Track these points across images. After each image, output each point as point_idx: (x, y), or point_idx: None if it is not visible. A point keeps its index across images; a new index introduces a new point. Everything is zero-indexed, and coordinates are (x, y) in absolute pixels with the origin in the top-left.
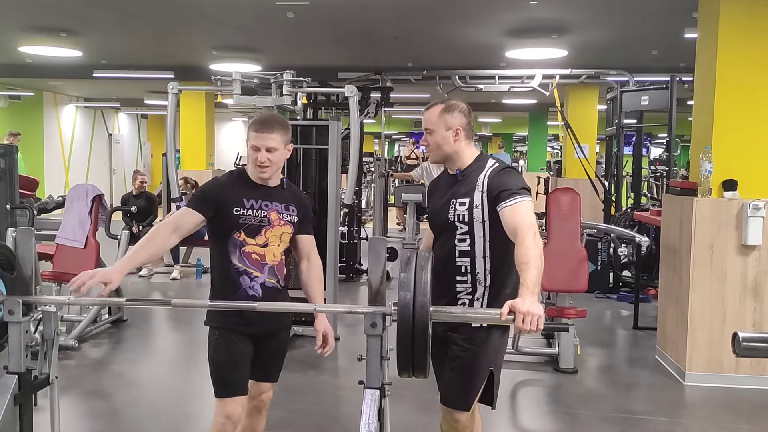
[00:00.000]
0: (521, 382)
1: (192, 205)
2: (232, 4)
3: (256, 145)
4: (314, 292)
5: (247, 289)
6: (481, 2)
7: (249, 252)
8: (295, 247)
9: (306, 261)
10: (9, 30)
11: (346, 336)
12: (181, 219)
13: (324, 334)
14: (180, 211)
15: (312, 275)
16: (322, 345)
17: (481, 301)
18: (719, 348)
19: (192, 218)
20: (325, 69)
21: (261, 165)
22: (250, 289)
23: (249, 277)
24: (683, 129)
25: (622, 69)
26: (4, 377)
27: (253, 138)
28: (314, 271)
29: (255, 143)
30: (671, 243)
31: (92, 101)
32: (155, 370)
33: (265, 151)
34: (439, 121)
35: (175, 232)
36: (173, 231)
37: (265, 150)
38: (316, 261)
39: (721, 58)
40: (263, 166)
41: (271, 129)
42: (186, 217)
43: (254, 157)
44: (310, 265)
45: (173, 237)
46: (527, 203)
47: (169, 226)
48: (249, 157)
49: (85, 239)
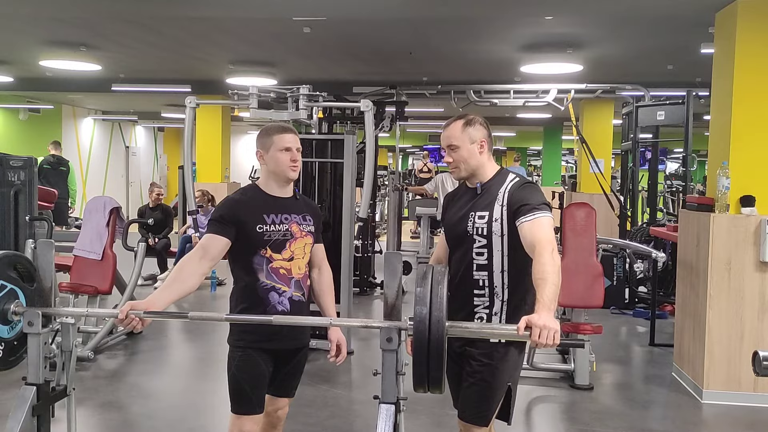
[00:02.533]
0: (536, 398)
1: (215, 230)
2: (249, 19)
3: (287, 146)
4: (326, 302)
5: (276, 305)
6: (496, 17)
7: (277, 267)
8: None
9: (317, 270)
10: (30, 44)
11: (360, 350)
12: (206, 245)
13: (338, 344)
14: (204, 239)
15: (323, 284)
16: (336, 354)
17: (499, 315)
18: (737, 366)
19: (219, 243)
20: (340, 83)
21: (294, 163)
22: (279, 304)
23: (277, 292)
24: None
25: (637, 84)
26: (23, 388)
27: (281, 140)
28: (325, 280)
29: (286, 144)
30: (688, 259)
31: (110, 114)
32: (170, 382)
33: (296, 150)
34: (463, 135)
35: (203, 258)
36: (201, 257)
37: (295, 149)
38: (327, 270)
39: (738, 74)
40: (296, 165)
41: (294, 132)
42: (212, 242)
43: (287, 158)
44: (321, 274)
45: (203, 263)
46: (547, 219)
47: (196, 254)
48: (272, 163)
49: (102, 251)
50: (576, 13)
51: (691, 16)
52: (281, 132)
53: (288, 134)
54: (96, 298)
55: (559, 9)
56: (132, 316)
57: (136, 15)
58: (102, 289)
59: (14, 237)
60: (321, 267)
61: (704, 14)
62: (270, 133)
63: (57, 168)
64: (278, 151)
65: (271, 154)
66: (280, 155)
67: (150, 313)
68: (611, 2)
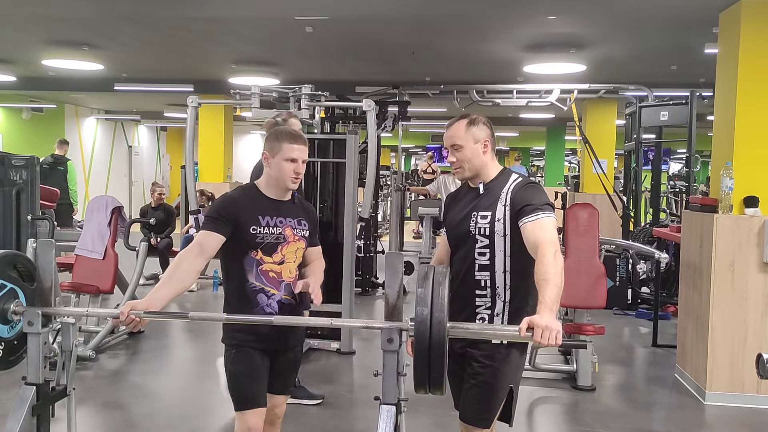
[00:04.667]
0: (538, 399)
1: (210, 228)
2: (252, 19)
3: (294, 157)
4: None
5: (264, 306)
6: (499, 17)
7: (266, 270)
8: (303, 258)
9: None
10: (33, 44)
11: (361, 350)
12: (203, 242)
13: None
14: (200, 235)
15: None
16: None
17: (501, 316)
18: (740, 367)
19: (214, 240)
20: (342, 83)
21: (297, 175)
22: (268, 306)
23: (266, 295)
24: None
25: (640, 84)
26: (23, 388)
27: (290, 150)
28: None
29: (293, 155)
30: (691, 260)
31: (113, 113)
32: (172, 382)
33: (301, 162)
34: (467, 135)
35: (200, 255)
36: (198, 255)
37: (301, 162)
38: (319, 261)
39: (742, 74)
40: (298, 177)
41: (304, 142)
42: (207, 239)
43: (290, 168)
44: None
45: (200, 260)
46: (550, 219)
47: (193, 251)
48: (275, 169)
49: (104, 250)
50: (579, 13)
51: (694, 16)
52: (290, 141)
53: (297, 144)
54: (98, 297)
55: (562, 9)
56: (132, 316)
57: (139, 15)
58: (104, 289)
59: (16, 236)
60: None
61: (708, 14)
62: (280, 139)
63: (54, 168)
64: (283, 160)
65: (276, 160)
66: (284, 164)
67: (150, 313)
68: (614, 2)
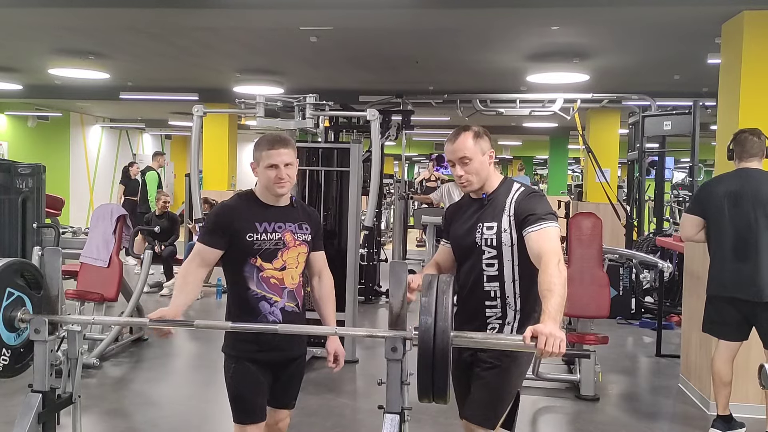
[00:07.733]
0: (542, 408)
1: (206, 241)
2: (257, 29)
3: (273, 163)
4: (326, 311)
5: (267, 315)
6: (502, 27)
7: (267, 277)
8: (308, 264)
9: (317, 278)
10: (39, 53)
11: (365, 359)
12: (202, 254)
13: (335, 354)
14: (199, 247)
15: (324, 292)
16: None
17: (512, 325)
18: (744, 378)
19: (211, 253)
20: (346, 92)
21: (280, 181)
22: (271, 315)
23: (269, 302)
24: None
25: (644, 93)
26: (29, 396)
27: (268, 157)
28: (326, 288)
29: (272, 161)
30: (695, 269)
31: (118, 122)
32: (175, 389)
33: (283, 167)
34: (476, 148)
35: (201, 266)
36: (199, 265)
37: (283, 166)
38: (327, 277)
39: (745, 84)
40: (282, 182)
41: (285, 144)
42: (205, 252)
43: (272, 175)
44: (321, 282)
45: (201, 270)
46: (553, 229)
47: (194, 261)
48: (262, 178)
49: (109, 258)
50: (582, 23)
51: (697, 27)
52: (269, 147)
53: (275, 150)
54: (102, 305)
55: (565, 19)
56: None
57: (144, 24)
58: (108, 297)
59: (21, 244)
60: (321, 274)
61: (711, 25)
62: (260, 147)
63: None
64: (265, 167)
65: (260, 169)
66: (267, 172)
67: (156, 322)
68: (618, 12)
